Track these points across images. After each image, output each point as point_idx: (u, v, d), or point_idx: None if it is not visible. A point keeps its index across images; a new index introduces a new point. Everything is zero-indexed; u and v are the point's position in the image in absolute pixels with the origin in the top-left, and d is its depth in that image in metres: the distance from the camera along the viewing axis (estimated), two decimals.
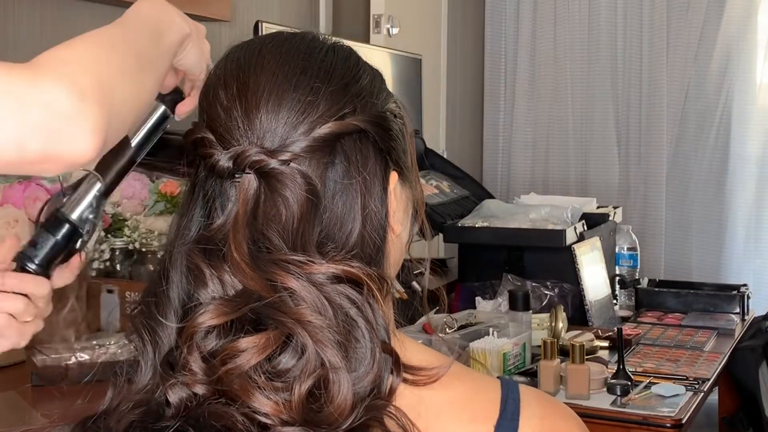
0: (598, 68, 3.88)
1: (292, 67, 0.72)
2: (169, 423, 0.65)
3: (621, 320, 2.42)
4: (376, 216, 0.72)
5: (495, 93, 4.08)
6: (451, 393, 0.71)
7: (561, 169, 3.96)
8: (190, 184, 0.75)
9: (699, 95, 3.69)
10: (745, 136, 3.63)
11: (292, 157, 0.69)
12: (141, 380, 0.70)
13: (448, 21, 3.65)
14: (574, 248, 2.27)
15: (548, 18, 3.96)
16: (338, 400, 0.64)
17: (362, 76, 0.75)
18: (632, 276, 2.63)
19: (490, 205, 2.57)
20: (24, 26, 1.92)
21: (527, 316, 1.97)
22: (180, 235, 0.73)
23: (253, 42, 0.76)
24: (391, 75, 2.75)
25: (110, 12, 2.14)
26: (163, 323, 0.69)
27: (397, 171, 0.76)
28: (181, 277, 0.70)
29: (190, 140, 0.72)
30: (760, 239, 3.63)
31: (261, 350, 0.64)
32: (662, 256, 3.74)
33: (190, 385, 0.65)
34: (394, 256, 0.76)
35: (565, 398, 1.70)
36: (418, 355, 0.72)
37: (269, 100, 0.71)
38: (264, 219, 0.69)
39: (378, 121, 0.74)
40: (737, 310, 2.46)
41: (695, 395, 1.76)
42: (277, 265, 0.66)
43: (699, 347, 2.13)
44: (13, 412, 1.35)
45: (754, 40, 3.63)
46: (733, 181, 3.65)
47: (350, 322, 0.67)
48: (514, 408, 0.72)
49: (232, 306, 0.66)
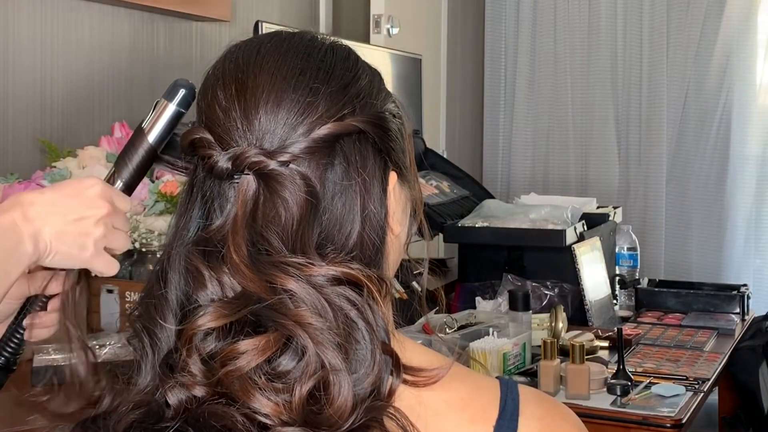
0: (598, 68, 3.88)
1: (291, 67, 0.72)
2: (169, 423, 0.65)
3: (621, 320, 2.42)
4: (375, 217, 0.72)
5: (495, 93, 4.08)
6: (450, 394, 0.71)
7: (561, 169, 3.95)
8: (188, 184, 0.74)
9: (699, 95, 3.69)
10: (745, 136, 3.63)
11: (292, 158, 0.69)
12: (141, 382, 0.69)
13: (448, 21, 3.65)
14: (574, 248, 2.27)
15: (548, 18, 3.96)
16: (338, 402, 0.64)
17: (361, 76, 0.75)
18: (632, 276, 2.63)
19: (490, 205, 2.57)
20: (24, 26, 1.92)
21: (527, 316, 1.98)
22: (178, 236, 0.72)
23: (251, 41, 0.76)
24: (391, 75, 2.75)
25: (110, 12, 2.15)
26: (162, 325, 0.69)
27: (396, 171, 0.76)
28: (180, 278, 0.70)
29: (188, 141, 0.72)
30: (760, 239, 3.63)
31: (261, 352, 0.64)
32: (662, 256, 3.74)
33: (190, 387, 0.65)
34: (392, 257, 0.76)
35: (565, 398, 1.70)
36: (418, 355, 0.72)
37: (268, 101, 0.70)
38: (263, 220, 0.69)
39: (377, 122, 0.73)
40: (737, 310, 2.46)
41: (695, 395, 1.76)
42: (276, 267, 0.66)
43: (699, 347, 2.13)
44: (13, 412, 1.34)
45: (754, 40, 3.63)
46: (733, 181, 3.65)
47: (350, 324, 0.66)
48: (513, 408, 0.72)
49: (232, 308, 0.66)
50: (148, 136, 0.81)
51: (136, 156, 0.81)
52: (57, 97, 2.02)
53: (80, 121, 2.08)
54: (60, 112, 2.03)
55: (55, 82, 2.01)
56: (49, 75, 1.99)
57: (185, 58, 2.37)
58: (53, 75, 2.01)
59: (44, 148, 1.92)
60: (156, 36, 2.29)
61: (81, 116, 2.08)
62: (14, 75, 1.90)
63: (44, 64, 1.98)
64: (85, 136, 2.05)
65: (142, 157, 0.81)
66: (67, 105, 2.04)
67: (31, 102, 1.96)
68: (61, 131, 2.02)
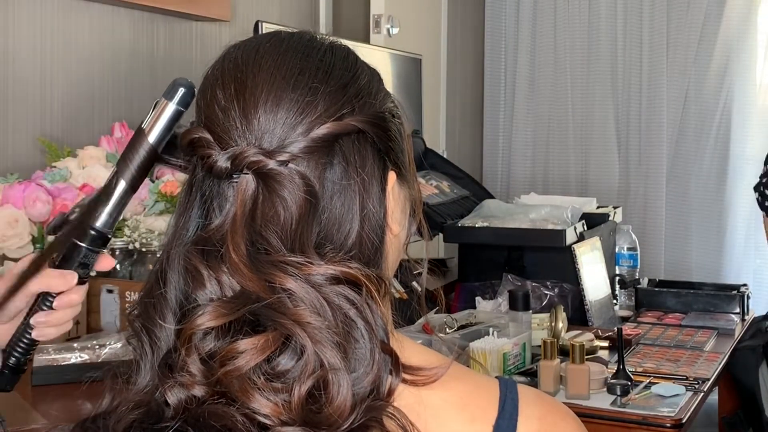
0: (598, 68, 3.88)
1: (290, 67, 0.72)
2: (169, 423, 0.65)
3: (621, 320, 2.42)
4: (374, 216, 0.72)
5: (495, 93, 4.08)
6: (450, 393, 0.71)
7: (561, 169, 3.96)
8: (187, 184, 0.74)
9: (699, 95, 3.69)
10: (745, 136, 3.64)
11: (291, 157, 0.69)
12: (140, 381, 0.69)
13: (448, 21, 3.65)
14: (574, 248, 2.27)
15: (548, 18, 3.96)
16: (338, 401, 0.64)
17: (360, 76, 0.75)
18: (632, 276, 2.63)
19: (490, 205, 2.57)
20: (24, 26, 1.92)
21: (527, 316, 1.97)
22: (177, 236, 0.72)
23: (250, 41, 0.76)
24: (391, 75, 2.75)
25: (110, 12, 2.15)
26: (161, 325, 0.69)
27: (395, 171, 0.76)
28: (179, 278, 0.70)
29: (188, 140, 0.72)
30: (760, 239, 3.62)
31: (260, 351, 0.64)
32: (662, 256, 3.74)
33: (189, 387, 0.65)
34: (392, 256, 0.76)
35: (565, 398, 1.70)
36: (417, 355, 0.72)
37: (267, 101, 0.70)
38: (262, 220, 0.69)
39: (376, 122, 0.73)
40: (737, 310, 2.46)
41: (695, 395, 1.76)
42: (275, 267, 0.66)
43: (699, 347, 2.13)
44: (13, 412, 1.34)
45: (754, 40, 3.64)
46: (733, 181, 3.65)
47: (349, 323, 0.66)
48: (513, 407, 0.72)
49: (231, 307, 0.66)
50: (148, 136, 0.81)
51: (137, 156, 0.81)
52: (57, 97, 2.02)
53: (80, 121, 2.08)
54: (60, 112, 2.03)
55: (55, 82, 2.01)
56: (49, 75, 1.99)
57: (185, 58, 2.37)
58: (53, 75, 2.01)
59: (44, 148, 1.92)
60: (156, 36, 2.29)
61: (81, 116, 2.08)
62: (14, 75, 1.90)
63: (44, 64, 1.98)
64: (85, 136, 2.05)
65: (143, 157, 0.81)
66: (67, 105, 2.04)
67: (31, 102, 1.96)
68: (61, 131, 2.02)
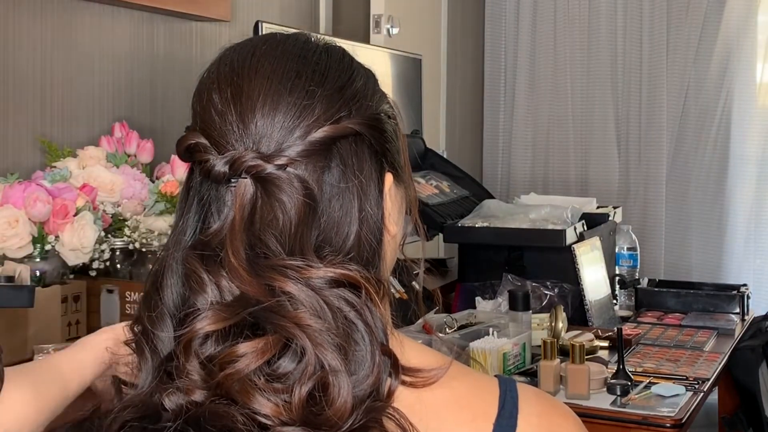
0: (598, 68, 3.88)
1: (286, 70, 0.72)
2: (169, 423, 0.65)
3: (621, 320, 2.43)
4: (372, 218, 0.72)
5: (495, 93, 4.08)
6: (449, 393, 0.71)
7: (561, 169, 3.96)
8: (184, 188, 0.74)
9: (699, 95, 3.69)
10: (745, 136, 3.63)
11: (289, 161, 0.69)
12: (140, 384, 0.69)
13: (448, 21, 3.65)
14: (574, 248, 2.27)
15: (548, 18, 3.96)
16: (338, 403, 0.64)
17: (356, 78, 0.75)
18: (632, 276, 2.63)
19: (490, 205, 2.57)
20: (24, 26, 1.92)
21: (527, 316, 1.98)
22: (176, 240, 0.72)
23: (245, 44, 0.76)
24: (391, 75, 2.75)
25: (110, 12, 2.15)
26: (160, 329, 0.69)
27: (392, 172, 0.76)
28: (178, 282, 0.70)
29: (185, 146, 0.72)
30: (760, 239, 3.63)
31: (260, 354, 0.64)
32: (662, 256, 3.74)
33: (189, 392, 0.65)
34: (389, 257, 0.77)
35: (565, 398, 1.70)
36: (418, 355, 0.72)
37: (264, 105, 0.70)
38: (261, 224, 0.68)
39: (373, 124, 0.73)
40: (737, 310, 2.46)
41: (695, 395, 1.76)
42: (275, 270, 0.66)
43: (699, 347, 2.13)
44: None
45: (754, 40, 3.63)
46: (733, 181, 3.65)
47: (349, 325, 0.66)
48: (513, 406, 0.72)
49: (230, 311, 0.66)
50: None
51: None
52: (57, 97, 2.02)
53: (80, 121, 2.08)
54: (60, 112, 2.03)
55: (55, 82, 2.01)
56: (49, 75, 1.99)
57: (185, 58, 2.37)
58: (53, 75, 2.01)
59: (44, 148, 1.92)
60: (156, 36, 2.29)
61: (81, 116, 2.08)
62: (14, 75, 1.90)
63: (44, 64, 1.98)
64: (85, 136, 2.05)
65: None
66: (67, 105, 2.04)
67: (31, 102, 1.96)
68: (61, 131, 2.02)
